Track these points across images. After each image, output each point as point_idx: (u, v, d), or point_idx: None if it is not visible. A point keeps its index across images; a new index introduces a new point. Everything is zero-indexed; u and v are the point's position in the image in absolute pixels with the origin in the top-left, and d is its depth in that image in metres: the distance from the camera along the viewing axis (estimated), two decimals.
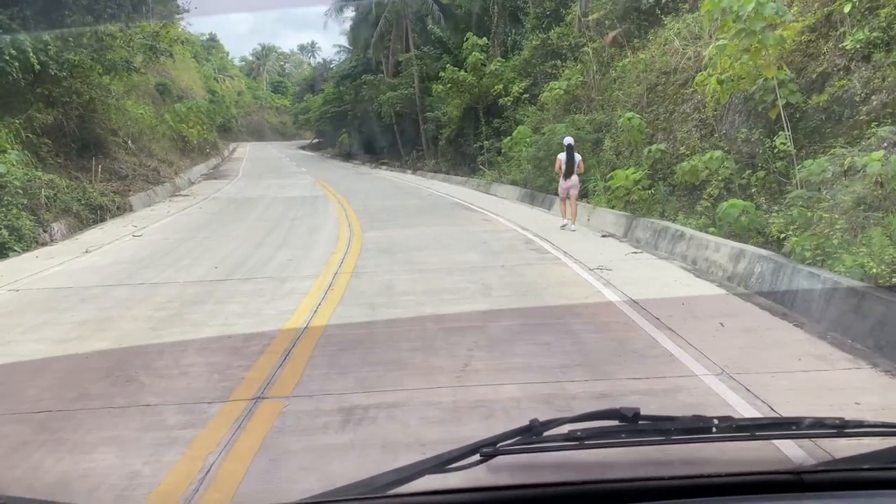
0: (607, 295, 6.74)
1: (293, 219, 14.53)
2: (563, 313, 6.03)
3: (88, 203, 16.34)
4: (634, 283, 7.24)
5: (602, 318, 5.85)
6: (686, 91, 15.48)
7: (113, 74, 22.97)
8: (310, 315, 6.35)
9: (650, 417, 1.44)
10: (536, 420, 1.41)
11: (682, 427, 1.40)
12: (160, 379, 4.64)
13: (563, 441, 1.35)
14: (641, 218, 12.27)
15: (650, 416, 1.44)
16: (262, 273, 8.60)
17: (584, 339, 5.23)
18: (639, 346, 5.00)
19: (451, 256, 9.39)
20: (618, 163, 16.66)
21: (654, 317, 5.81)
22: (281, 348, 5.30)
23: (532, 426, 1.39)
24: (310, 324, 6.04)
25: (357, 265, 8.91)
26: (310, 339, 5.57)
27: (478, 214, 14.91)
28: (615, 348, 4.99)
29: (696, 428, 1.41)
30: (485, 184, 22.45)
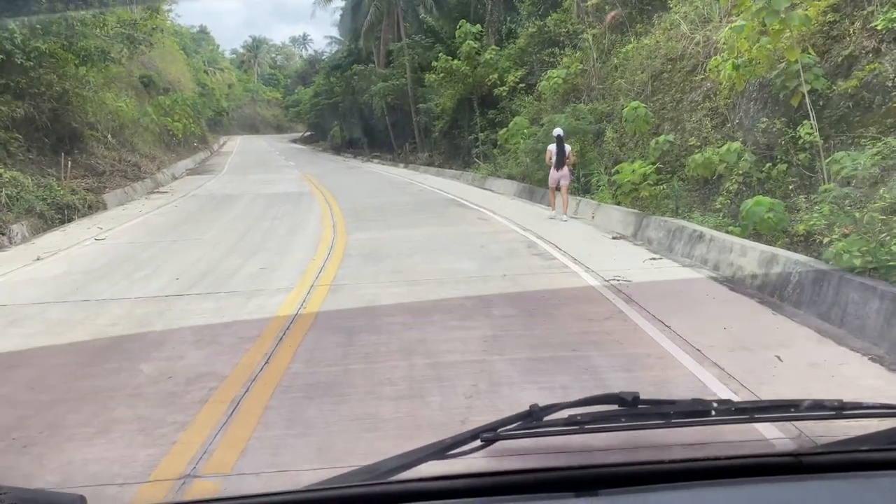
0: (631, 315, 5.67)
1: (273, 218, 13.40)
2: (581, 342, 4.96)
3: (55, 202, 15.19)
4: (661, 300, 6.17)
5: (630, 348, 4.78)
6: (695, 78, 14.43)
7: (89, 65, 21.77)
8: (274, 344, 5.26)
9: (650, 401, 1.42)
10: (536, 405, 1.40)
11: (681, 410, 1.42)
12: (61, 453, 3.52)
13: (563, 426, 1.36)
14: (653, 216, 11.21)
15: (650, 399, 1.42)
16: (227, 286, 7.50)
17: (609, 381, 4.18)
18: (682, 391, 3.93)
19: (444, 263, 8.31)
20: (621, 155, 15.64)
21: (693, 347, 4.75)
22: (230, 395, 4.22)
23: (532, 411, 1.39)
24: (272, 357, 4.96)
25: (337, 275, 7.81)
26: (269, 380, 4.48)
27: (473, 212, 13.81)
28: (651, 394, 3.93)
29: (696, 411, 1.44)
30: (480, 178, 21.34)
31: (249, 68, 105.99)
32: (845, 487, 1.25)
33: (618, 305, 5.98)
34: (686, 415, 1.42)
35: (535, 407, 1.40)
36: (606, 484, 1.22)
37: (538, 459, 1.36)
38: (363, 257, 8.94)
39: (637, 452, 1.48)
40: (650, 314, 5.69)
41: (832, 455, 1.34)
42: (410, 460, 1.29)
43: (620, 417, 1.39)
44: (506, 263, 8.15)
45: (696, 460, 1.28)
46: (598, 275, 7.29)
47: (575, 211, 13.79)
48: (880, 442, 1.35)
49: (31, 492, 1.30)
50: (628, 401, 1.39)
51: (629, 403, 1.39)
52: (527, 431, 1.37)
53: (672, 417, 1.40)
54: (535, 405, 1.41)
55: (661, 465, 1.27)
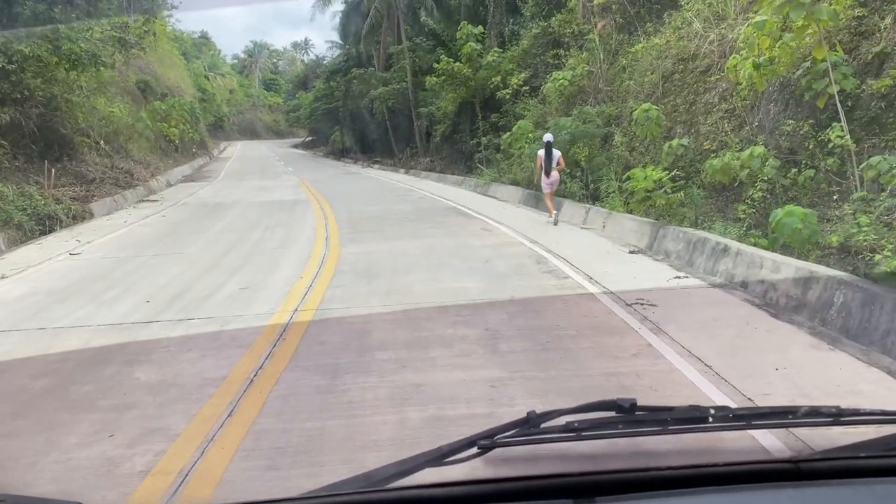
0: (663, 351, 4.84)
1: (265, 229, 12.59)
2: (607, 387, 4.12)
3: (35, 213, 14.40)
4: (694, 330, 5.33)
5: (669, 397, 3.93)
6: (709, 79, 13.64)
7: (79, 69, 21.04)
8: (242, 389, 4.44)
9: (647, 408, 1.43)
10: (534, 412, 1.41)
11: (679, 417, 1.42)
12: None
13: (560, 432, 1.36)
14: (670, 226, 10.39)
15: (647, 406, 1.43)
16: (201, 310, 6.68)
17: (649, 445, 3.36)
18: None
19: (444, 282, 7.48)
20: (631, 160, 14.85)
21: (745, 397, 3.91)
22: (178, 464, 3.40)
23: (529, 418, 1.39)
24: (237, 407, 4.14)
25: (325, 298, 6.99)
26: (229, 441, 3.67)
27: (476, 222, 12.98)
28: None
29: (693, 418, 1.44)
30: (483, 184, 20.53)
31: (250, 73, 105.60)
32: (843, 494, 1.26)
33: (646, 337, 5.15)
34: (684, 421, 1.43)
35: (533, 413, 1.41)
36: (604, 491, 1.21)
37: (535, 466, 1.38)
38: (356, 274, 8.13)
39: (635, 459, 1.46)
40: (685, 350, 4.86)
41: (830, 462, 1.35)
42: (407, 467, 1.30)
43: (618, 424, 1.40)
44: (513, 283, 7.32)
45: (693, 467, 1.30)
46: (618, 297, 6.46)
47: (584, 220, 13.01)
48: (878, 449, 1.36)
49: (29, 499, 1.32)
50: (626, 407, 1.40)
51: (627, 410, 1.40)
52: (524, 438, 1.38)
53: (669, 424, 1.41)
54: (533, 412, 1.42)
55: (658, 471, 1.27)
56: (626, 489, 1.22)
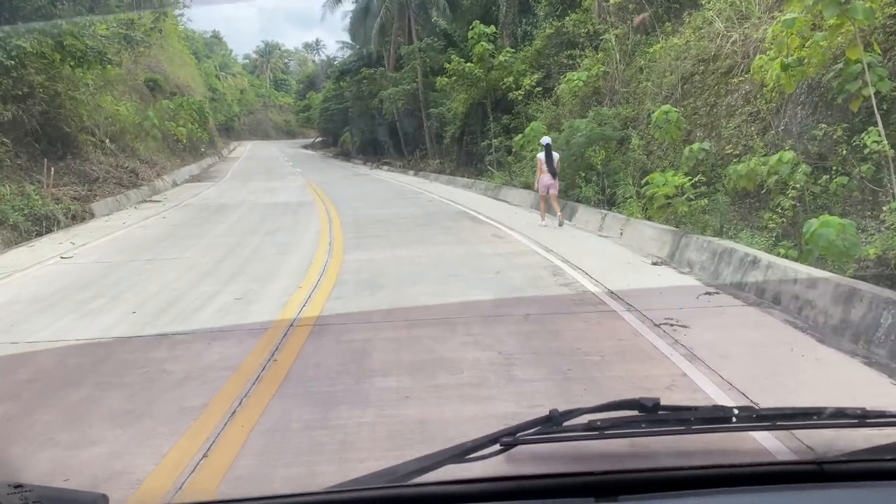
0: (700, 383, 4.23)
1: (266, 233, 12.06)
2: None
3: (32, 213, 13.96)
4: (733, 358, 4.73)
5: (716, 445, 3.37)
6: (732, 80, 13.04)
7: (85, 67, 20.66)
8: (222, 423, 3.89)
9: (670, 407, 1.43)
10: (556, 410, 1.40)
11: (702, 417, 1.41)
12: None
13: (583, 431, 1.35)
14: (693, 235, 9.80)
15: (670, 405, 1.42)
16: (189, 324, 6.15)
17: None
18: None
19: (453, 295, 6.91)
20: (649, 164, 14.28)
21: (804, 445, 3.33)
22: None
23: (552, 416, 1.39)
24: (214, 446, 3.59)
25: (324, 310, 6.44)
26: (202, 488, 3.13)
27: (487, 227, 12.40)
28: None
29: (717, 418, 1.44)
30: (494, 187, 19.94)
31: (261, 73, 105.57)
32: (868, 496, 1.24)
33: (679, 365, 4.56)
34: (707, 421, 1.42)
35: (555, 412, 1.40)
36: (626, 490, 1.20)
37: (557, 464, 1.35)
38: (358, 285, 7.57)
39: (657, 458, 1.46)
40: (725, 381, 4.27)
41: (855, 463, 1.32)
42: (429, 464, 1.29)
43: (641, 423, 1.38)
44: (528, 297, 6.72)
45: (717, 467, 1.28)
46: (644, 316, 5.87)
47: (600, 227, 12.43)
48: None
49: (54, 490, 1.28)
50: (649, 406, 1.38)
51: (649, 409, 1.38)
52: (546, 436, 1.37)
53: (693, 424, 1.39)
54: (555, 410, 1.41)
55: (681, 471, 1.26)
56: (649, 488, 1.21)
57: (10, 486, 1.20)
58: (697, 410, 1.43)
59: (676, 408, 1.46)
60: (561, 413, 1.39)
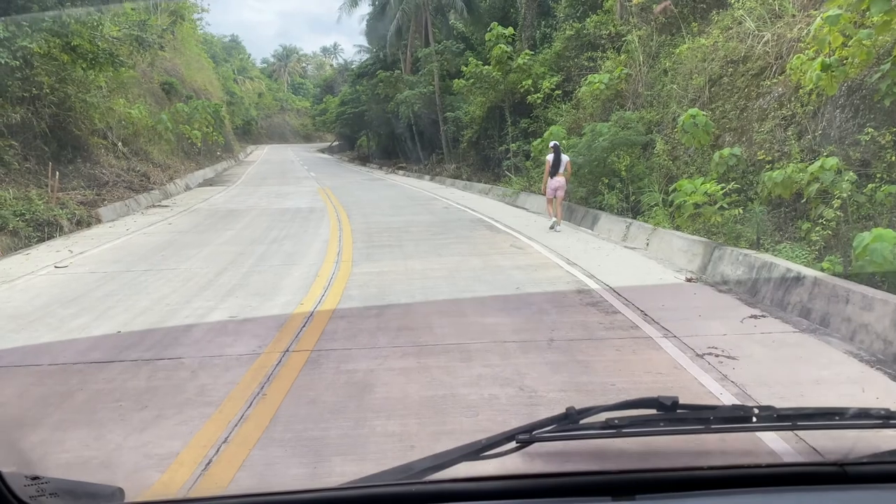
0: (759, 433, 3.57)
1: (272, 241, 11.47)
2: None
3: (34, 218, 13.50)
4: (798, 402, 4.03)
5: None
6: (763, 82, 12.32)
7: (97, 69, 20.30)
8: (191, 481, 3.27)
9: (689, 406, 1.40)
10: (573, 408, 1.38)
11: (721, 416, 1.39)
12: None
13: (600, 429, 1.33)
14: (726, 247, 9.09)
15: (689, 404, 1.40)
16: (176, 346, 5.55)
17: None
18: None
19: (469, 316, 6.26)
20: (675, 169, 13.58)
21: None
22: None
23: (568, 414, 1.36)
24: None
25: (325, 333, 5.81)
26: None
27: (505, 237, 11.73)
28: None
29: (736, 417, 1.41)
30: (511, 193, 19.27)
31: (279, 77, 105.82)
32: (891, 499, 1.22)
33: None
34: (726, 420, 1.40)
35: (572, 409, 1.38)
36: (644, 489, 1.18)
37: (574, 462, 1.33)
38: (365, 302, 6.94)
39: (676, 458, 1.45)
40: (790, 432, 3.59)
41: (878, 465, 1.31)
42: (445, 461, 1.28)
43: (659, 422, 1.36)
44: (552, 319, 6.06)
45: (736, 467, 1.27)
46: (684, 343, 5.17)
47: (624, 236, 11.74)
48: None
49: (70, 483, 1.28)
50: (667, 405, 1.36)
51: (668, 408, 1.36)
52: (563, 434, 1.35)
53: (712, 423, 1.37)
54: (572, 407, 1.39)
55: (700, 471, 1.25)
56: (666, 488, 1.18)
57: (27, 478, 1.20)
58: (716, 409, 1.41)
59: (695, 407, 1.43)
60: (578, 411, 1.37)
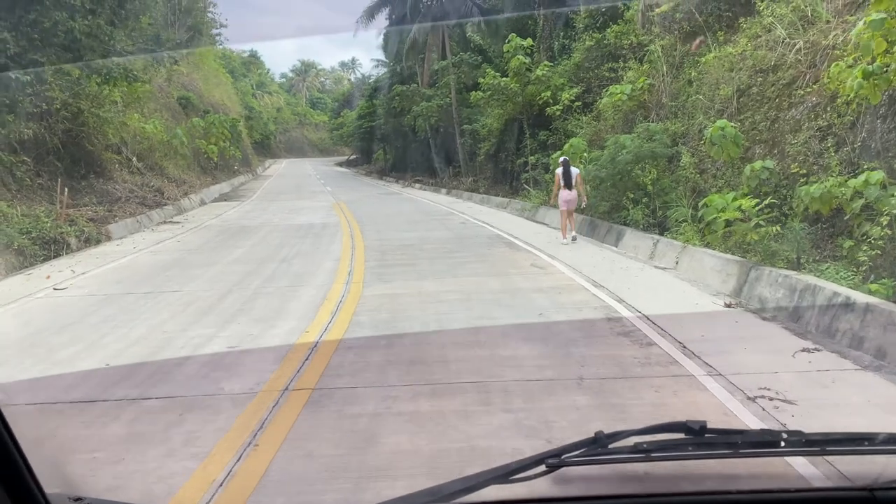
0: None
1: (282, 260, 11.00)
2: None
3: (40, 236, 13.15)
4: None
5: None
6: (796, 92, 11.69)
7: (111, 84, 20.13)
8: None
9: (717, 431, 1.40)
10: (602, 432, 1.39)
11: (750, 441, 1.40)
12: None
13: (629, 453, 1.34)
14: (764, 267, 8.46)
15: (717, 429, 1.40)
16: (166, 382, 5.04)
17: None
18: None
19: (488, 347, 5.69)
20: (702, 183, 12.97)
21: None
22: None
23: (597, 438, 1.37)
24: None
25: (329, 367, 5.28)
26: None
27: (525, 255, 11.15)
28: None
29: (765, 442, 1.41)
30: (530, 207, 18.69)
31: (298, 92, 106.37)
32: None
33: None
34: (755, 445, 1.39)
35: (601, 433, 1.38)
36: None
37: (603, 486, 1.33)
38: (375, 329, 6.40)
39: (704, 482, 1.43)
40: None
41: None
42: (473, 483, 1.27)
43: (687, 446, 1.36)
44: (580, 352, 5.47)
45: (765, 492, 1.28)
46: (730, 382, 4.57)
47: (651, 254, 11.14)
48: None
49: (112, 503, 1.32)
50: (695, 429, 1.35)
51: (696, 432, 1.35)
52: (592, 458, 1.35)
53: (740, 447, 1.37)
54: (601, 432, 1.38)
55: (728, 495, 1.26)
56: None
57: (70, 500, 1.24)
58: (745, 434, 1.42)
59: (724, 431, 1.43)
60: (607, 435, 1.36)
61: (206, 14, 51.36)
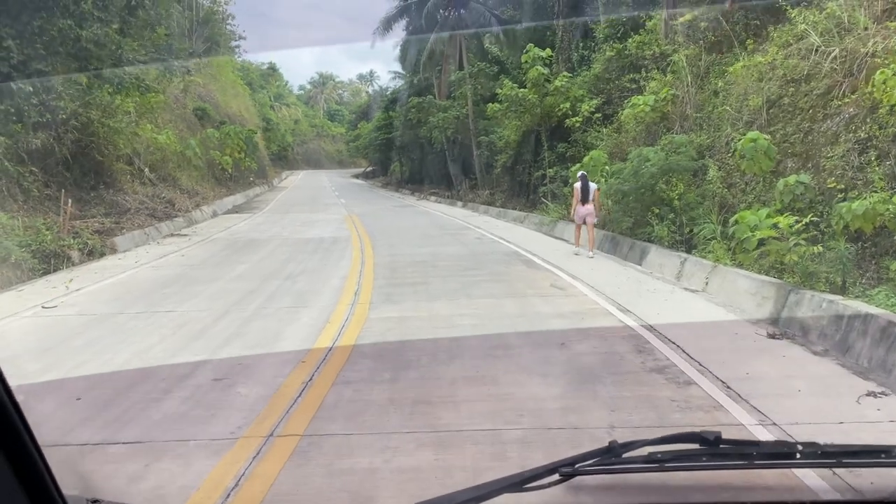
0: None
1: (286, 277, 10.41)
2: None
3: (40, 249, 12.70)
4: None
5: None
6: (832, 103, 10.99)
7: (123, 94, 19.81)
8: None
9: (732, 441, 1.38)
10: (615, 441, 1.36)
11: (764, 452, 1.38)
12: None
13: (642, 463, 1.32)
14: (805, 291, 7.74)
15: (732, 440, 1.37)
16: (137, 424, 4.42)
17: None
18: None
19: (503, 385, 5.02)
20: (730, 198, 12.28)
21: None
22: None
23: (611, 447, 1.35)
24: None
25: (323, 408, 4.63)
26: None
27: (544, 274, 10.47)
28: None
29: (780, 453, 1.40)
30: (549, 222, 18.03)
31: (316, 104, 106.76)
32: None
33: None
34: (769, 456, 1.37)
35: (615, 443, 1.36)
36: None
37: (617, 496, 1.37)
38: (378, 360, 5.77)
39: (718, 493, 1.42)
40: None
41: None
42: (486, 492, 1.25)
43: (701, 457, 1.34)
44: (608, 392, 4.79)
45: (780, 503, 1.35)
46: (787, 434, 3.88)
47: (678, 274, 10.44)
48: None
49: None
50: (710, 440, 1.34)
51: (711, 443, 1.34)
52: (606, 468, 1.34)
53: (755, 459, 1.35)
54: (615, 441, 1.37)
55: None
56: None
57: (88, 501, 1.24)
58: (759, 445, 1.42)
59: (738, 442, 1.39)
60: (621, 444, 1.34)
61: (224, 26, 51.51)
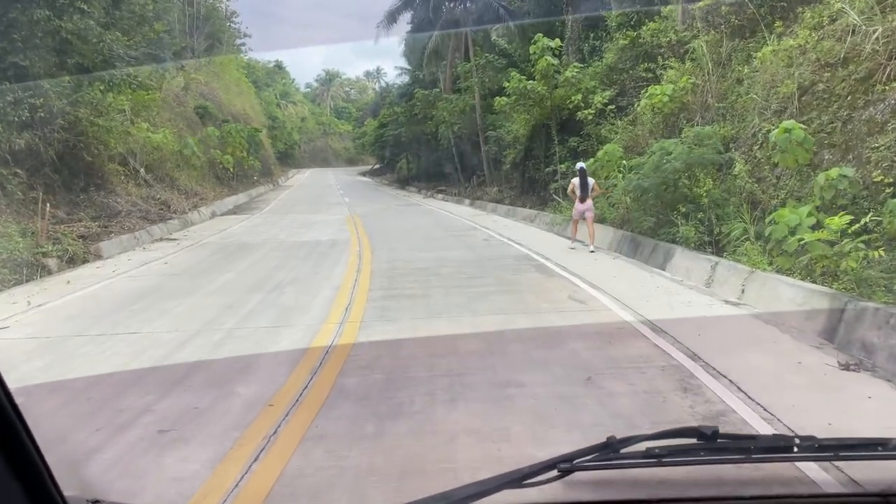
0: None
1: (272, 289, 9.35)
2: None
3: (11, 258, 11.73)
4: None
5: None
6: (875, 87, 9.89)
7: (114, 91, 18.87)
8: None
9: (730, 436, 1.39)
10: (614, 437, 1.38)
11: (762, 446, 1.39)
12: None
13: (641, 458, 1.34)
14: (868, 303, 6.62)
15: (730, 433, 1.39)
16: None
17: None
18: None
19: (517, 443, 3.97)
20: (759, 193, 11.17)
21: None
22: None
23: (609, 443, 1.37)
24: None
25: (281, 481, 3.57)
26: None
27: (560, 283, 9.37)
28: None
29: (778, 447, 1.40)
30: (561, 221, 16.94)
31: (322, 102, 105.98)
32: None
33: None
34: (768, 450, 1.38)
35: (613, 438, 1.37)
36: None
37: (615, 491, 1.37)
38: (361, 404, 4.68)
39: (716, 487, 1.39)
40: None
41: None
42: (486, 488, 1.26)
43: (699, 451, 1.36)
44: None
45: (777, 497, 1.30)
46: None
47: (709, 280, 9.35)
48: None
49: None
50: (708, 434, 1.35)
51: (709, 437, 1.36)
52: (604, 463, 1.35)
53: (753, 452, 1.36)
54: (613, 437, 1.38)
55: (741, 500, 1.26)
56: None
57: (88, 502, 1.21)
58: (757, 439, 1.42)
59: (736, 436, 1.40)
60: (619, 440, 1.35)
61: (226, 23, 50.56)
